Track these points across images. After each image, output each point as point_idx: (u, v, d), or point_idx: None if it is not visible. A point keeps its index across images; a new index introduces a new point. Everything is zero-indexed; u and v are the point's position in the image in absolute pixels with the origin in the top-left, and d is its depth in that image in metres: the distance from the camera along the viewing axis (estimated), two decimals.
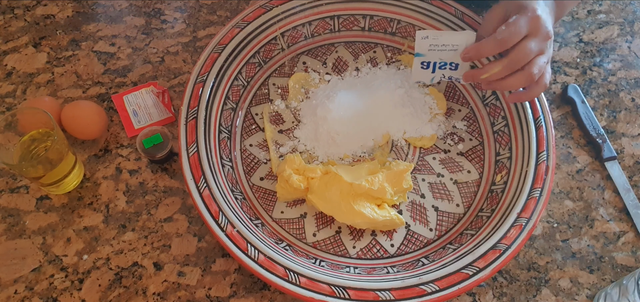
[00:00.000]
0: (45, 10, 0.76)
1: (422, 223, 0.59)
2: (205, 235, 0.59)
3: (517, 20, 0.51)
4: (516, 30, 0.51)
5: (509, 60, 0.52)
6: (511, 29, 0.51)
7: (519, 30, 0.51)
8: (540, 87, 0.55)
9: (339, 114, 0.62)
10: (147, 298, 0.55)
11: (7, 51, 0.71)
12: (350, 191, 0.56)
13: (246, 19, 0.66)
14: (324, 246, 0.57)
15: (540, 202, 0.55)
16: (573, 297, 0.56)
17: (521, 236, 0.53)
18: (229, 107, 0.64)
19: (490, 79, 0.55)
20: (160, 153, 0.61)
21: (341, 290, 0.49)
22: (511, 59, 0.52)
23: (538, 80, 0.54)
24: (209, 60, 0.63)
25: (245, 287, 0.56)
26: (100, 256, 0.57)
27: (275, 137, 0.64)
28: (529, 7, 0.52)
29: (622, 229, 0.61)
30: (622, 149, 0.66)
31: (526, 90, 0.56)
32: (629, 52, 0.75)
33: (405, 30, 0.70)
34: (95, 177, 0.62)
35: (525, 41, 0.52)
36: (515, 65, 0.53)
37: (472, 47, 0.55)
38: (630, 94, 0.71)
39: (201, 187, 0.54)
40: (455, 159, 0.63)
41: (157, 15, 0.76)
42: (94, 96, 0.68)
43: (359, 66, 0.70)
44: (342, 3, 0.69)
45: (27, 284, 0.55)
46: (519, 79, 0.53)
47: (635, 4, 0.80)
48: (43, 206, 0.60)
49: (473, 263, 0.51)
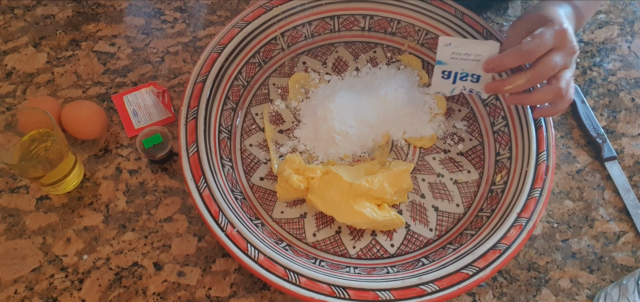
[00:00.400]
0: (45, 10, 0.76)
1: (422, 223, 0.59)
2: (205, 235, 0.59)
3: (543, 32, 0.51)
4: (542, 42, 0.50)
5: (534, 72, 0.51)
6: (537, 40, 0.50)
7: (545, 42, 0.50)
8: (565, 103, 0.54)
9: (339, 114, 0.62)
10: (147, 298, 0.55)
11: (7, 51, 0.71)
12: (350, 191, 0.56)
13: (246, 19, 0.66)
14: (324, 246, 0.57)
15: (540, 202, 0.55)
16: (573, 297, 0.56)
17: (521, 236, 0.53)
18: (229, 107, 0.64)
19: (514, 91, 0.54)
20: (160, 153, 0.61)
21: (341, 290, 0.49)
22: (536, 71, 0.51)
23: (564, 96, 0.53)
24: (209, 60, 0.63)
25: (245, 287, 0.56)
26: (100, 256, 0.57)
27: (275, 137, 0.64)
28: (555, 21, 0.51)
29: (622, 229, 0.61)
30: (622, 149, 0.66)
31: (551, 106, 0.55)
32: (629, 52, 0.75)
33: (405, 30, 0.70)
34: (95, 177, 0.62)
35: (550, 54, 0.51)
36: (540, 78, 0.52)
37: (495, 58, 0.54)
38: (630, 94, 0.71)
39: (201, 187, 0.54)
40: (455, 159, 0.63)
41: (157, 15, 0.76)
42: (94, 96, 0.68)
43: (359, 66, 0.70)
44: (342, 3, 0.69)
45: (27, 284, 0.55)
46: (545, 93, 0.52)
47: (635, 4, 0.80)
48: (43, 206, 0.60)
49: (473, 263, 0.51)
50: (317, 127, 0.63)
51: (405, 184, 0.58)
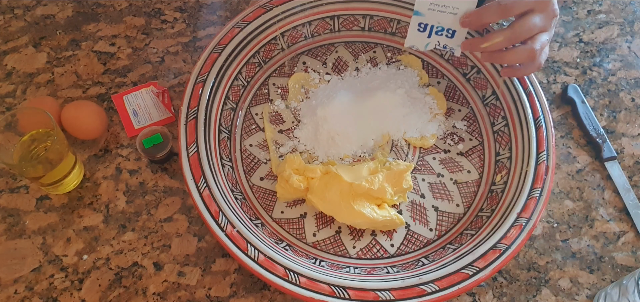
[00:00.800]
0: (45, 10, 0.76)
1: (422, 223, 0.59)
2: (205, 235, 0.59)
3: None
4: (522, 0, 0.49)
5: (512, 31, 0.51)
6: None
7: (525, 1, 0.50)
8: (535, 66, 0.53)
9: (339, 114, 0.62)
10: (147, 298, 0.55)
11: (7, 51, 0.71)
12: (350, 191, 0.56)
13: (246, 19, 0.66)
14: (324, 246, 0.57)
15: (540, 202, 0.55)
16: (573, 297, 0.56)
17: (521, 236, 0.53)
18: (229, 107, 0.64)
19: (490, 49, 0.53)
20: (160, 153, 0.61)
21: (341, 290, 0.49)
22: (515, 31, 0.51)
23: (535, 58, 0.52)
24: (209, 60, 0.63)
25: (245, 287, 0.56)
26: (100, 256, 0.57)
27: (275, 137, 0.64)
28: None
29: (622, 229, 0.61)
30: (622, 149, 0.66)
31: (522, 66, 0.54)
32: (629, 52, 0.75)
33: (405, 30, 0.70)
34: (95, 177, 0.62)
35: (531, 14, 0.50)
36: (517, 38, 0.51)
37: (474, 12, 0.53)
38: (630, 94, 0.71)
39: (201, 187, 0.54)
40: (455, 159, 0.63)
41: (157, 15, 0.76)
42: (94, 96, 0.68)
43: (359, 66, 0.70)
44: (342, 3, 0.69)
45: (27, 284, 0.55)
46: (520, 53, 0.52)
47: (635, 4, 0.80)
48: (43, 206, 0.60)
49: (473, 263, 0.51)
50: (317, 127, 0.63)
51: (405, 184, 0.58)
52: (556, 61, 0.73)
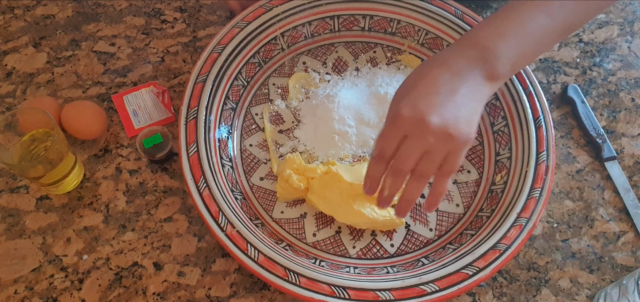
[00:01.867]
0: (45, 10, 0.76)
1: (422, 223, 0.59)
2: (205, 235, 0.59)
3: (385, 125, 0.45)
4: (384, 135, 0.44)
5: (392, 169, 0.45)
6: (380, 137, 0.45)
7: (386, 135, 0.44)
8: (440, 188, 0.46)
9: (338, 114, 0.62)
10: (147, 298, 0.55)
11: (7, 51, 0.71)
12: (350, 191, 0.56)
13: (246, 19, 0.66)
14: (324, 246, 0.57)
15: (540, 202, 0.55)
16: (573, 297, 0.56)
17: (521, 236, 0.53)
18: (229, 107, 0.64)
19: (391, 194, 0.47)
20: (160, 153, 0.61)
21: (341, 290, 0.49)
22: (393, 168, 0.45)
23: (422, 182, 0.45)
24: (209, 60, 0.63)
25: (245, 287, 0.56)
26: (100, 256, 0.57)
27: (275, 137, 0.64)
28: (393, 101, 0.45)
29: (622, 229, 0.61)
30: (622, 149, 0.66)
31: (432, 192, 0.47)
32: (629, 52, 0.75)
33: (405, 30, 0.70)
34: (95, 177, 0.62)
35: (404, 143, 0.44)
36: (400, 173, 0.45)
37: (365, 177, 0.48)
38: (630, 94, 0.71)
39: (201, 187, 0.54)
40: None
41: (157, 15, 0.76)
42: (94, 96, 0.68)
43: (359, 66, 0.70)
44: (342, 3, 0.69)
45: (27, 284, 0.55)
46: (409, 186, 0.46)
47: (635, 4, 0.80)
48: (43, 206, 0.60)
49: (473, 263, 0.51)
50: (317, 127, 0.63)
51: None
52: (556, 61, 0.73)
